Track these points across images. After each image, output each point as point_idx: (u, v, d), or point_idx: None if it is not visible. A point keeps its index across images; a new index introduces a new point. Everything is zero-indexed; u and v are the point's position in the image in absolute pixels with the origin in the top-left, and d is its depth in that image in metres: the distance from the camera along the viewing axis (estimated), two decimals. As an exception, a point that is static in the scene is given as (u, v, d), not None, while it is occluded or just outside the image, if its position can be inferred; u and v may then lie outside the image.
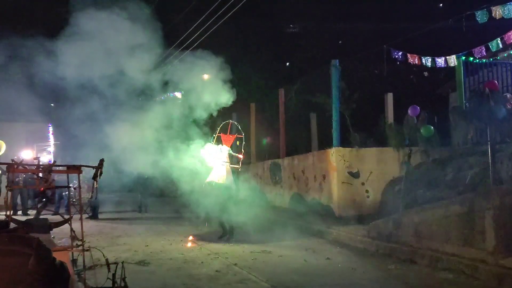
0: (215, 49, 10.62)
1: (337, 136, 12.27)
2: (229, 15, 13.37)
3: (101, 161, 5.04)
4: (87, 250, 4.58)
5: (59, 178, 9.29)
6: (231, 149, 11.04)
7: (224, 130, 11.12)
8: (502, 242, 6.32)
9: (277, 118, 16.79)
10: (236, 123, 11.85)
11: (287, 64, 23.70)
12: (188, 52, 11.86)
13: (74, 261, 4.69)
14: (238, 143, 11.70)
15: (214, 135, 10.93)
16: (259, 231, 11.91)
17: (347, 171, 11.89)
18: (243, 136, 11.36)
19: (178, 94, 11.75)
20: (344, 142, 12.65)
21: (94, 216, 14.70)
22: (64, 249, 4.33)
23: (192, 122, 10.70)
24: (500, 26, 11.60)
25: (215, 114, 10.89)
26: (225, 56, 10.47)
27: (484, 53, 12.05)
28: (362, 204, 11.78)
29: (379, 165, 12.03)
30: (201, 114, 10.54)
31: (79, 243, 4.57)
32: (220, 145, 10.75)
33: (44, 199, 13.55)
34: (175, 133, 10.26)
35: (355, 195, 11.83)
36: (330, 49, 19.59)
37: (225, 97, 10.43)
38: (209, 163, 10.46)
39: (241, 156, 11.08)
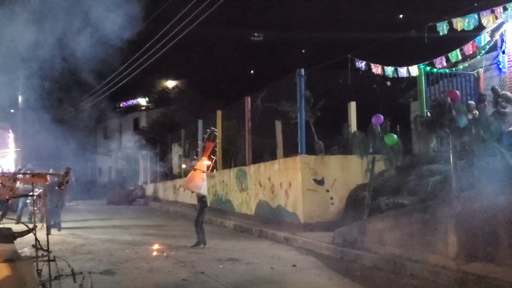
0: (183, 56, 10.55)
1: (302, 143, 12.38)
2: (195, 23, 13.36)
3: (68, 169, 4.93)
4: (52, 260, 4.45)
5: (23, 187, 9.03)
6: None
7: (208, 139, 11.26)
8: (463, 248, 6.52)
9: (243, 125, 16.81)
10: (216, 130, 11.94)
11: (252, 72, 23.84)
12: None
13: (38, 272, 4.54)
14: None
15: (203, 143, 11.13)
16: (225, 238, 11.92)
17: (312, 178, 12.01)
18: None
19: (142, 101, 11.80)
20: (309, 149, 12.77)
21: (55, 225, 14.27)
22: (29, 259, 4.20)
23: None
24: (460, 38, 12.04)
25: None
26: (193, 64, 10.45)
27: (445, 64, 12.47)
28: (327, 211, 11.92)
29: (344, 173, 12.22)
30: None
31: (44, 253, 4.43)
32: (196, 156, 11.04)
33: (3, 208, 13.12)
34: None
35: (320, 202, 11.95)
36: (296, 58, 19.84)
37: None
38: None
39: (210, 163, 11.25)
